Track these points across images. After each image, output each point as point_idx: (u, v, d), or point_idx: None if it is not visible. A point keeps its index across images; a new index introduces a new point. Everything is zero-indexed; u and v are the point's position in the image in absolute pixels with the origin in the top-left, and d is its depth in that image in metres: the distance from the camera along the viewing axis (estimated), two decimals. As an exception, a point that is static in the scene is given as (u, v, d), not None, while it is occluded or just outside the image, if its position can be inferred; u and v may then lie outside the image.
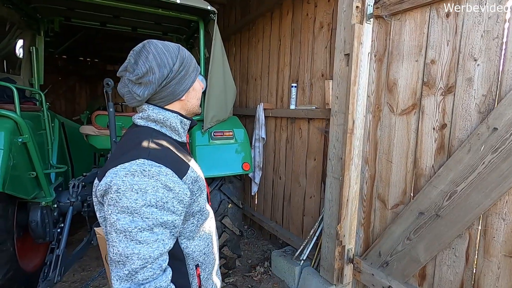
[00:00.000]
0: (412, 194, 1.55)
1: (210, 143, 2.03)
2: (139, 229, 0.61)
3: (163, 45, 0.75)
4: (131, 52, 0.75)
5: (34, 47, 2.20)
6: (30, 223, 1.91)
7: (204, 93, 2.03)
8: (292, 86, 2.55)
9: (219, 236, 2.14)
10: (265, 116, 2.89)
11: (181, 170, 0.71)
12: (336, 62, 1.88)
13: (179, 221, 0.69)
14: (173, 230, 0.67)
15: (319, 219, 2.20)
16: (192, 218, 0.77)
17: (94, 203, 0.74)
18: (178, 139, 0.82)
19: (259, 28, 3.16)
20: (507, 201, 1.19)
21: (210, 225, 0.86)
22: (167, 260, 0.67)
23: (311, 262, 2.23)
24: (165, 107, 0.79)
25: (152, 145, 0.70)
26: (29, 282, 1.89)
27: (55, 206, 2.04)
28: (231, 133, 2.12)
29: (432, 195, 1.41)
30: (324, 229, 2.00)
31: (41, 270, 1.96)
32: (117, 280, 0.61)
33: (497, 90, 1.21)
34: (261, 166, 3.00)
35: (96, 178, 0.74)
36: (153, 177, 0.63)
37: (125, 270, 0.60)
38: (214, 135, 2.05)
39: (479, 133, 1.24)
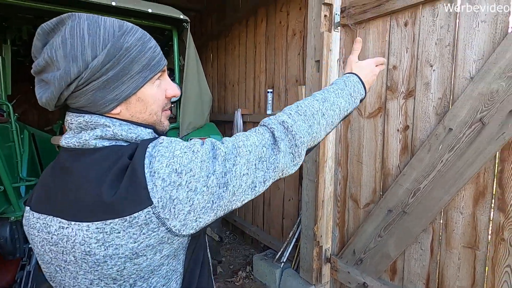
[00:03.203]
0: (381, 193, 1.63)
1: (187, 150, 2.03)
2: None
3: (90, 24, 0.48)
4: (38, 29, 0.49)
5: (0, 56, 2.12)
6: (-1, 240, 1.83)
7: (179, 100, 2.04)
8: (268, 92, 2.61)
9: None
10: (243, 122, 2.93)
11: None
12: (307, 69, 1.95)
13: None
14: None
15: (298, 221, 2.25)
16: None
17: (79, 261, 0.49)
18: None
19: (235, 35, 3.21)
20: (463, 196, 1.28)
21: None
22: None
23: (291, 264, 2.27)
24: (114, 116, 0.53)
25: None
26: (-2, 301, 1.80)
27: None
28: (207, 140, 2.13)
29: (399, 193, 1.49)
30: (302, 231, 2.05)
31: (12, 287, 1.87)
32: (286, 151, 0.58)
33: (451, 93, 1.31)
34: (240, 171, 3.02)
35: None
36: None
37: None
38: (190, 142, 2.05)
39: (437, 133, 1.33)
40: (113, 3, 1.69)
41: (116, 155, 0.50)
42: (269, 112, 2.61)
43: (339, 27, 1.82)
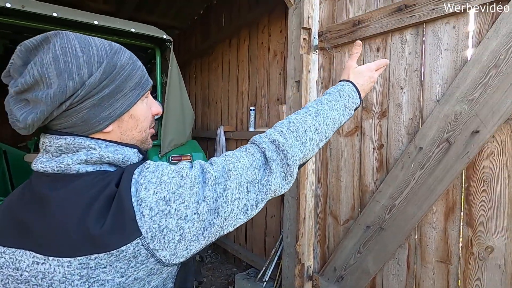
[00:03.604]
0: (359, 209, 1.67)
1: (168, 167, 2.02)
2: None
3: (80, 42, 0.48)
4: (19, 46, 0.47)
5: None
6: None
7: (161, 118, 2.04)
8: (251, 110, 2.66)
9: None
10: (226, 139, 2.94)
11: None
12: (288, 88, 2.02)
13: None
14: None
15: (280, 239, 2.25)
16: None
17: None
18: None
19: (218, 53, 3.28)
20: (435, 212, 1.34)
21: None
22: None
23: (273, 282, 2.24)
24: (94, 136, 0.52)
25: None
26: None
27: None
28: (189, 157, 2.13)
29: (376, 209, 1.54)
30: (284, 248, 2.05)
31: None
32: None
33: (420, 114, 1.39)
34: (223, 188, 3.00)
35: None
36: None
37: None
38: (171, 160, 2.04)
39: (409, 152, 1.41)
40: (96, 22, 1.70)
41: (102, 182, 0.47)
42: (251, 129, 2.64)
43: (317, 50, 1.91)
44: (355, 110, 0.77)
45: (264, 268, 2.30)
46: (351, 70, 0.81)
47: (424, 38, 1.37)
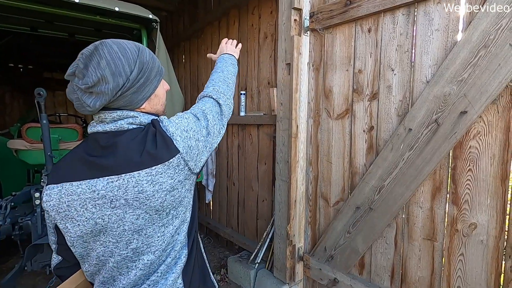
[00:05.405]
0: (349, 191, 1.70)
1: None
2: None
3: (119, 48, 0.68)
4: (80, 54, 0.67)
5: None
6: None
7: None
8: (241, 94, 2.62)
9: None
10: (216, 123, 2.91)
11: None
12: (279, 71, 1.99)
13: None
14: None
15: (271, 221, 2.28)
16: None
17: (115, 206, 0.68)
18: None
19: (207, 36, 3.19)
20: (422, 192, 1.37)
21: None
22: None
23: (265, 264, 2.29)
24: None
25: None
26: None
27: None
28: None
29: (365, 190, 1.57)
30: (276, 231, 2.08)
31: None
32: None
33: (410, 96, 1.40)
34: (214, 173, 3.00)
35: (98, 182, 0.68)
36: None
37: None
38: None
39: (398, 133, 1.42)
40: (77, 0, 1.61)
41: (143, 130, 0.72)
42: (242, 114, 2.62)
43: (308, 32, 1.87)
44: (237, 64, 1.19)
45: (256, 250, 2.34)
46: (218, 54, 1.23)
47: (415, 19, 1.36)
